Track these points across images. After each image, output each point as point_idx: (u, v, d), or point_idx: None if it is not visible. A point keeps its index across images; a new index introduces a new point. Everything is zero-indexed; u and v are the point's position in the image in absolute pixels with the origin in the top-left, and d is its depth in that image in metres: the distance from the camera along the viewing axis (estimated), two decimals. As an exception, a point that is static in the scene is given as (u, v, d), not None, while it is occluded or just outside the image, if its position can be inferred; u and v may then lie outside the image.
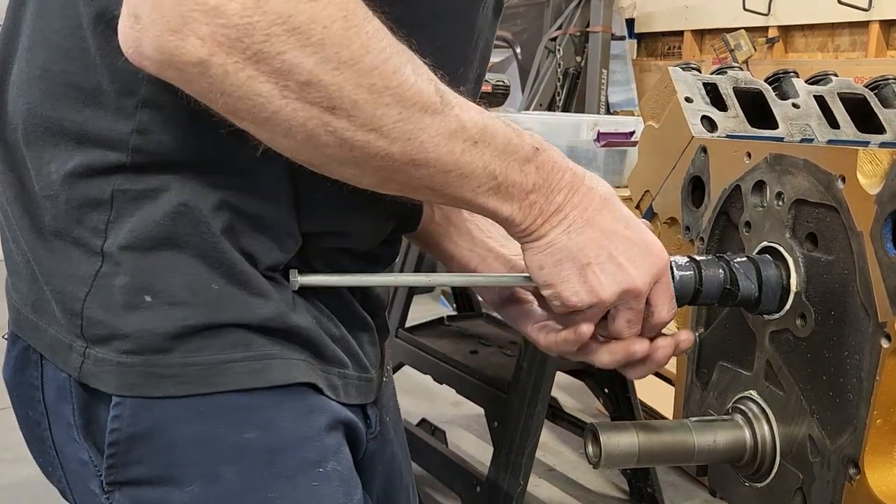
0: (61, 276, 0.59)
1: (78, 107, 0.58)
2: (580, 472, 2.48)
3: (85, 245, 0.59)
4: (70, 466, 0.65)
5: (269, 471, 0.60)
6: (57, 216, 0.60)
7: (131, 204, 0.58)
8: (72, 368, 0.60)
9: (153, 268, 0.58)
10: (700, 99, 0.93)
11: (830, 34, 3.82)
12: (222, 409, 0.59)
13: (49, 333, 0.61)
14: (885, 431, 0.64)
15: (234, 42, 0.48)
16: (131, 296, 0.58)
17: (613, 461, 0.71)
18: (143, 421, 0.59)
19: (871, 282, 0.63)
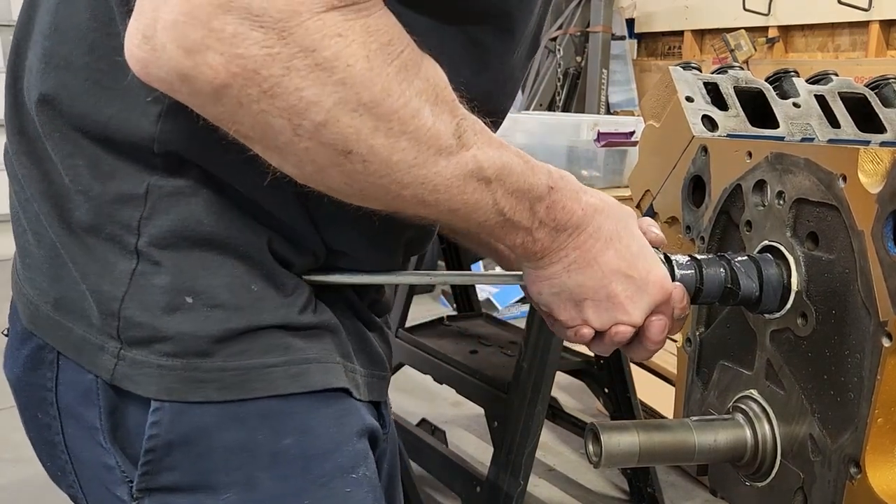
0: (95, 275, 0.58)
1: (103, 103, 0.57)
2: (580, 472, 2.48)
3: (119, 242, 0.57)
4: (88, 471, 0.62)
5: (306, 477, 0.60)
6: (90, 211, 0.58)
7: (166, 200, 0.57)
8: (102, 370, 0.58)
9: (194, 268, 0.56)
10: (701, 98, 0.93)
11: (830, 34, 3.82)
12: (262, 415, 0.58)
13: (75, 333, 0.59)
14: (887, 430, 0.63)
15: (252, 73, 0.45)
16: (172, 296, 0.56)
17: (614, 461, 0.71)
18: (183, 426, 0.57)
19: (872, 281, 0.62)
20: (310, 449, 0.60)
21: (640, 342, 0.69)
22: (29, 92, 0.61)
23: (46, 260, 0.61)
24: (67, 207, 0.59)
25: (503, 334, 2.34)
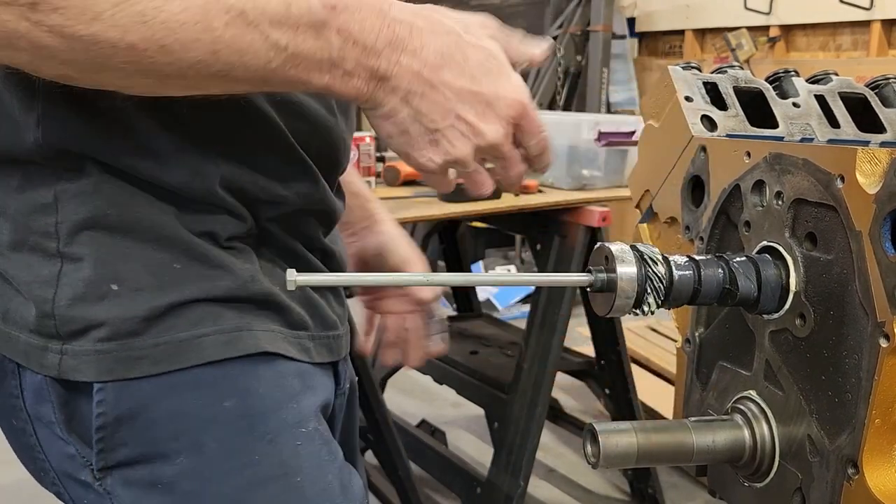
0: (29, 284, 0.61)
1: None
2: (581, 473, 2.48)
3: (43, 249, 0.60)
4: (58, 466, 0.66)
5: (251, 434, 0.62)
6: (11, 229, 0.61)
7: (75, 201, 0.59)
8: (50, 368, 0.61)
9: (113, 257, 0.59)
10: (700, 98, 0.93)
11: (832, 33, 3.82)
12: (198, 383, 0.61)
13: (21, 340, 0.63)
14: (884, 431, 0.63)
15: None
16: (97, 286, 0.59)
17: (612, 461, 0.71)
18: (125, 403, 0.60)
19: (870, 281, 0.62)
20: (252, 408, 0.62)
21: (507, 168, 0.66)
22: None
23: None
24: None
25: (503, 335, 2.34)
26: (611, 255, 0.72)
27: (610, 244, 0.74)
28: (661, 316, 2.84)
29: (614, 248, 0.73)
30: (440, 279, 0.83)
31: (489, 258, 4.91)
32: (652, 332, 3.17)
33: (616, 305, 0.71)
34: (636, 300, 0.71)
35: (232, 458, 0.62)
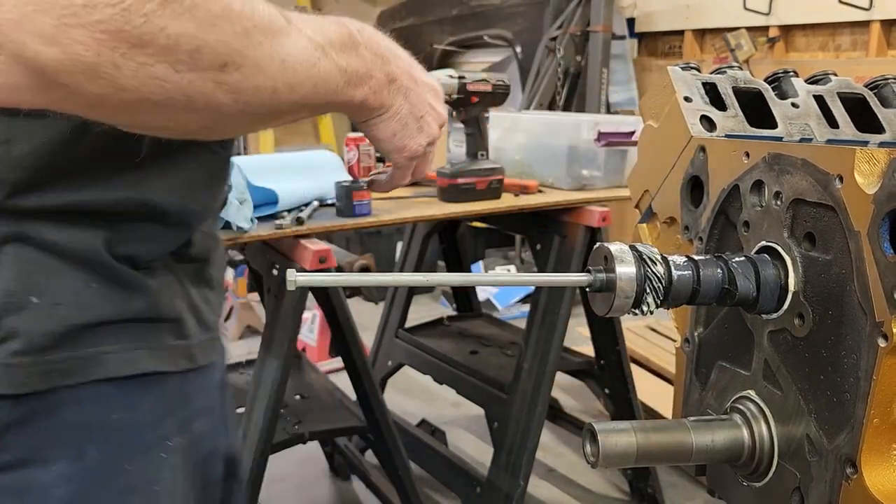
0: None
1: None
2: (580, 473, 2.48)
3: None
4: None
5: (130, 445, 0.66)
6: None
7: (7, 218, 0.60)
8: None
9: (37, 272, 0.61)
10: (699, 98, 0.93)
11: (831, 34, 3.82)
12: (97, 395, 0.64)
13: None
14: (883, 431, 0.64)
15: (116, 34, 0.46)
16: (18, 297, 0.60)
17: (611, 461, 0.71)
18: (22, 410, 0.61)
19: (869, 281, 0.63)
20: (134, 422, 0.67)
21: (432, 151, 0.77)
22: None
23: None
24: None
25: (503, 335, 2.34)
26: (610, 255, 0.72)
27: (609, 244, 0.74)
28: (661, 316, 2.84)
29: (613, 248, 0.73)
30: (440, 279, 0.84)
31: (489, 258, 4.91)
32: (651, 331, 3.17)
33: (615, 305, 0.71)
34: (635, 300, 0.71)
35: (106, 466, 0.65)
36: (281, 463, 2.53)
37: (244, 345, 3.64)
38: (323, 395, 1.93)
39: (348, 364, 1.66)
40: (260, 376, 1.49)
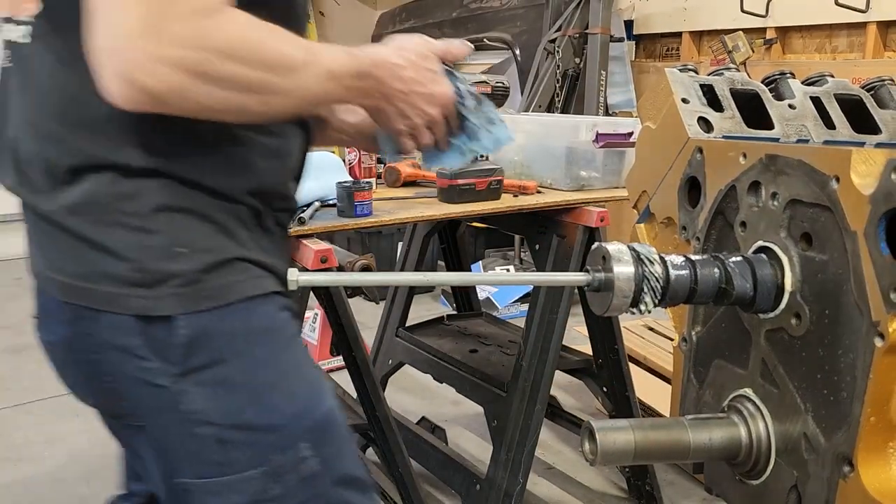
0: (118, 249, 0.85)
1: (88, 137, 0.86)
2: (579, 471, 2.49)
3: (126, 225, 0.85)
4: (131, 382, 0.89)
5: (274, 344, 0.92)
6: (102, 210, 0.85)
7: (152, 194, 0.85)
8: (134, 308, 0.85)
9: (180, 231, 0.86)
10: (696, 100, 0.94)
11: (828, 35, 3.83)
12: (238, 311, 0.89)
13: (103, 291, 0.86)
14: (879, 429, 0.64)
15: (193, 71, 0.75)
16: (168, 251, 0.85)
17: (610, 458, 0.72)
18: (197, 329, 0.86)
19: (865, 281, 0.63)
20: (270, 326, 0.93)
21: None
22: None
23: (70, 250, 0.88)
24: (88, 210, 0.86)
25: (503, 334, 2.35)
26: (608, 254, 0.73)
27: (607, 244, 0.75)
28: (659, 315, 2.85)
29: (612, 247, 0.74)
30: (440, 279, 0.84)
31: (489, 258, 4.91)
32: (650, 331, 3.18)
33: (613, 304, 0.72)
34: (633, 299, 0.72)
35: (265, 358, 0.91)
36: (280, 462, 2.54)
37: (243, 344, 3.65)
38: (323, 394, 1.94)
39: (349, 363, 1.67)
40: (260, 375, 1.49)
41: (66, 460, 2.55)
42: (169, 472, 0.94)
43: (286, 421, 0.92)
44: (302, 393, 0.95)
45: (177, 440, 0.91)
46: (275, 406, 0.91)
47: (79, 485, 2.43)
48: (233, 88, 0.78)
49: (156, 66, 0.73)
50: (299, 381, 0.95)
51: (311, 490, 0.93)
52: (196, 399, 0.88)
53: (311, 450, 0.92)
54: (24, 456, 2.58)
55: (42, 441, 2.66)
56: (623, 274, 0.71)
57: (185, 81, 0.74)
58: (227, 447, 0.89)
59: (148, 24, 0.72)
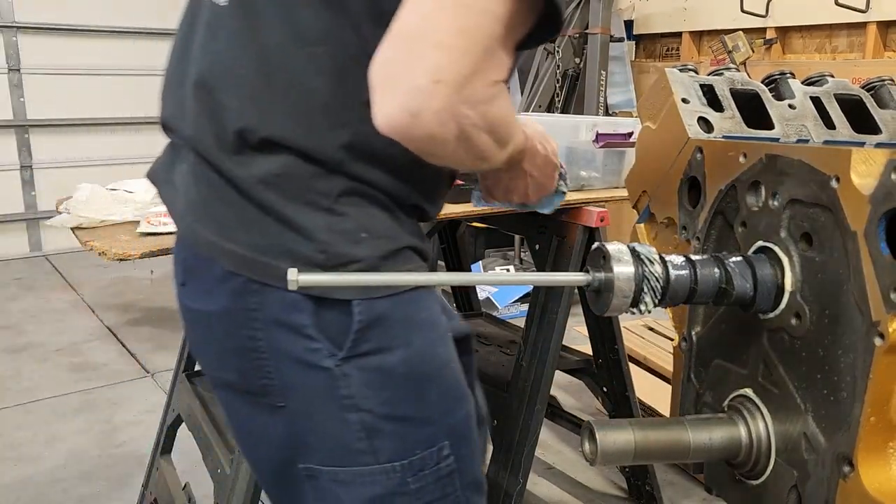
0: (305, 228, 0.86)
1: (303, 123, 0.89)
2: (579, 471, 2.49)
3: (317, 204, 0.86)
4: (286, 360, 0.89)
5: (434, 336, 0.94)
6: (297, 188, 0.87)
7: (342, 176, 0.87)
8: (313, 289, 0.85)
9: (363, 217, 0.88)
10: (696, 100, 0.94)
11: (828, 35, 3.83)
12: (408, 301, 0.90)
13: (279, 267, 0.85)
14: (879, 429, 0.64)
15: (465, 131, 0.78)
16: (355, 235, 0.87)
17: (610, 458, 0.72)
18: (372, 314, 0.87)
19: (865, 281, 0.63)
20: (431, 318, 0.95)
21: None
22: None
23: (253, 221, 0.88)
24: (279, 187, 0.87)
25: (502, 333, 2.35)
26: (608, 254, 0.73)
27: (607, 244, 0.75)
28: (659, 315, 2.84)
29: (611, 247, 0.74)
30: (440, 279, 0.84)
31: (489, 258, 4.92)
32: (650, 331, 3.18)
33: (613, 304, 0.72)
34: (633, 299, 0.72)
35: (428, 348, 0.92)
36: (280, 462, 2.54)
37: (243, 345, 3.65)
38: (323, 394, 1.94)
39: (348, 363, 1.67)
40: (260, 376, 1.50)
41: (66, 460, 2.55)
42: (295, 456, 0.93)
43: (435, 416, 0.92)
44: (451, 390, 0.96)
45: (320, 425, 0.90)
46: (429, 400, 0.92)
47: (79, 485, 2.43)
48: (470, 153, 0.83)
49: (444, 115, 0.76)
50: (450, 378, 0.96)
51: (443, 489, 0.93)
52: (355, 384, 0.88)
53: (450, 449, 0.93)
54: (24, 456, 2.58)
55: (42, 441, 2.67)
56: (623, 274, 0.71)
57: (451, 135, 0.78)
58: (373, 436, 0.89)
59: (461, 77, 0.75)
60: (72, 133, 5.69)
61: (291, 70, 0.85)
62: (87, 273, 4.90)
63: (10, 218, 5.39)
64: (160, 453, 2.06)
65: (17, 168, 5.47)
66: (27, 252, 5.46)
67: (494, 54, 0.78)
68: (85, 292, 4.52)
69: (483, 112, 0.79)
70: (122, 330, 3.88)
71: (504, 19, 0.77)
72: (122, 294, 4.48)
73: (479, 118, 0.79)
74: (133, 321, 4.02)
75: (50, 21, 5.47)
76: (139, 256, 1.33)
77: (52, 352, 3.58)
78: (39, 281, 4.79)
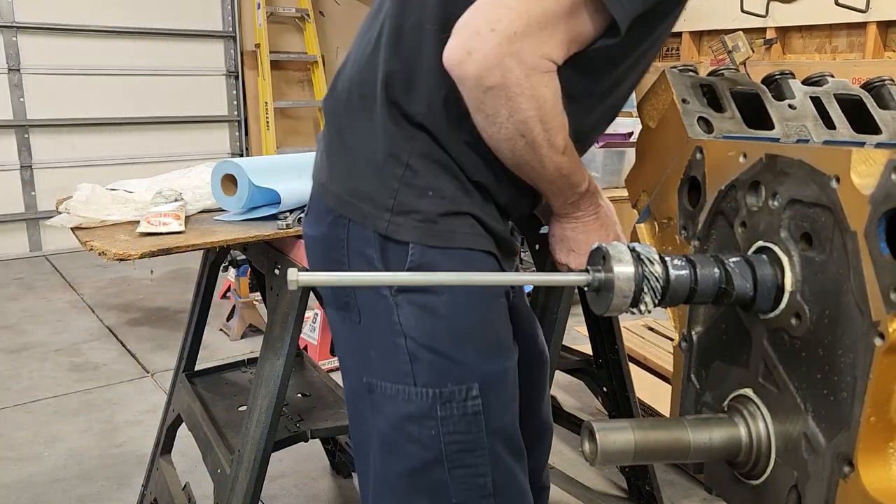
0: (386, 177, 1.04)
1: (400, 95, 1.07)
2: (579, 471, 2.49)
3: (398, 159, 1.04)
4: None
5: (481, 293, 1.07)
6: (385, 146, 1.05)
7: (423, 140, 1.04)
8: (380, 227, 1.04)
9: (433, 176, 1.04)
10: (696, 100, 0.93)
11: (828, 35, 3.83)
12: (458, 256, 1.05)
13: (363, 209, 1.06)
14: (879, 429, 0.64)
15: (508, 81, 0.91)
16: (423, 191, 1.04)
17: (610, 458, 0.72)
18: (424, 259, 1.03)
19: (865, 281, 0.63)
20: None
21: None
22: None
23: (348, 168, 1.09)
24: (373, 143, 1.07)
25: (502, 334, 2.34)
26: (608, 254, 0.73)
27: (608, 244, 0.75)
28: (659, 315, 2.84)
29: (612, 247, 0.74)
30: (440, 279, 0.84)
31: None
32: (649, 330, 3.18)
33: (613, 304, 0.72)
34: (633, 299, 0.72)
35: (471, 301, 1.06)
36: (283, 460, 2.54)
37: (247, 344, 3.65)
38: (325, 393, 1.93)
39: (348, 363, 1.67)
40: (262, 375, 1.50)
41: (66, 460, 2.55)
42: (363, 369, 1.10)
43: (469, 360, 1.06)
44: (489, 343, 1.09)
45: (380, 343, 1.07)
46: (464, 343, 1.06)
47: (78, 485, 2.43)
48: (514, 117, 0.95)
49: (492, 59, 0.90)
50: (491, 333, 1.09)
51: (467, 426, 1.06)
52: (405, 314, 1.04)
53: (478, 391, 1.06)
54: (24, 456, 2.58)
55: (42, 441, 2.67)
56: (623, 274, 0.71)
57: (496, 82, 0.91)
58: (414, 361, 1.05)
59: (512, 32, 0.90)
60: (72, 133, 5.69)
61: (412, 48, 1.03)
62: (87, 273, 4.90)
63: (9, 218, 5.39)
64: (160, 453, 2.06)
65: (17, 168, 5.46)
66: (27, 252, 5.46)
67: (549, 29, 0.91)
68: (85, 292, 4.52)
69: (527, 73, 0.91)
70: (121, 330, 3.88)
71: (565, 3, 0.91)
72: (121, 294, 4.48)
73: (524, 76, 0.91)
74: (133, 321, 4.02)
75: (50, 21, 5.47)
76: (139, 256, 1.33)
77: (51, 352, 3.58)
78: (39, 281, 4.79)
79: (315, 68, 6.53)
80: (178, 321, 3.98)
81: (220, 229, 1.54)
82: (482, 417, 1.07)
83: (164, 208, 1.55)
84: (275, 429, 1.49)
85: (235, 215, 1.63)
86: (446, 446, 1.07)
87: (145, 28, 5.83)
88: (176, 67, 6.05)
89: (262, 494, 1.60)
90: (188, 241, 1.42)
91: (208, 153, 6.17)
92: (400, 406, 1.07)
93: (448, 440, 1.07)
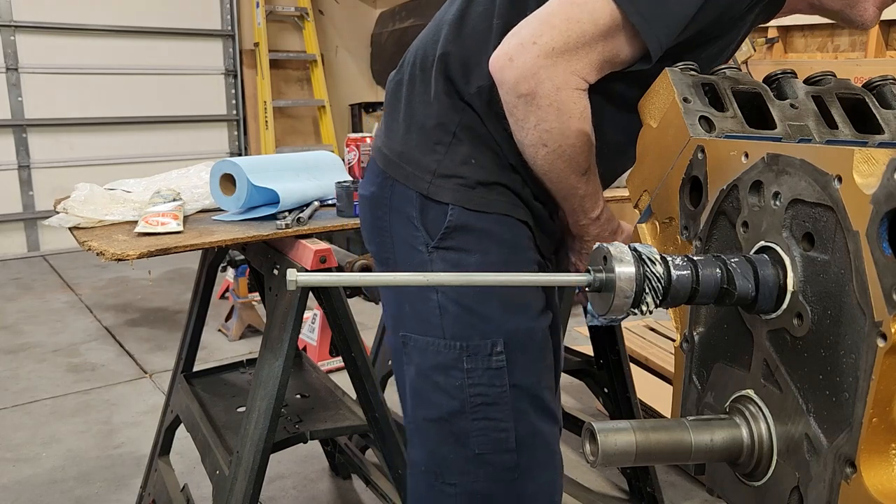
0: (434, 143, 1.15)
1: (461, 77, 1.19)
2: (580, 472, 2.48)
3: (447, 129, 1.14)
4: (401, 241, 1.18)
5: (511, 255, 1.16)
6: (435, 114, 1.16)
7: (470, 115, 1.15)
8: (422, 188, 1.14)
9: (476, 147, 1.14)
10: (698, 99, 0.93)
11: (830, 34, 3.83)
12: (494, 220, 1.14)
13: (408, 170, 1.16)
14: (881, 430, 0.64)
15: (535, 90, 1.02)
16: (466, 158, 1.14)
17: (611, 460, 0.71)
18: (462, 220, 1.13)
19: (867, 281, 0.63)
20: (515, 241, 1.17)
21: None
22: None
23: (403, 134, 1.18)
24: (426, 112, 1.17)
25: (502, 334, 2.34)
26: (609, 254, 0.72)
27: (609, 244, 0.74)
28: (660, 315, 2.84)
29: (613, 247, 0.73)
30: (440, 279, 0.84)
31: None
32: (651, 331, 3.17)
33: (614, 305, 0.72)
34: (634, 300, 0.71)
35: (501, 261, 1.14)
36: (282, 462, 2.54)
37: (245, 344, 3.65)
38: (324, 394, 1.93)
39: (349, 363, 1.67)
40: (261, 376, 1.49)
41: (64, 461, 2.54)
42: (399, 323, 1.19)
43: (495, 317, 1.13)
44: (516, 304, 1.16)
45: (414, 297, 1.17)
46: (489, 300, 1.13)
47: (77, 486, 2.42)
48: (539, 127, 1.04)
49: (528, 70, 1.00)
50: (519, 294, 1.16)
51: (490, 380, 1.13)
52: (437, 269, 1.14)
53: (503, 347, 1.13)
54: (23, 456, 2.58)
55: (40, 442, 2.66)
56: (624, 274, 0.71)
57: (528, 89, 1.01)
58: (444, 315, 1.13)
59: (550, 47, 0.99)
60: (70, 133, 5.69)
61: (473, 36, 1.13)
62: (85, 273, 4.90)
63: (7, 218, 5.39)
64: (158, 454, 2.06)
65: (15, 167, 5.46)
66: (25, 252, 5.46)
67: (585, 49, 1.00)
68: (83, 292, 4.51)
69: (558, 86, 1.00)
70: (120, 330, 3.87)
71: (602, 28, 0.99)
72: (120, 294, 4.47)
73: (554, 89, 1.00)
74: (131, 321, 4.01)
75: (48, 20, 5.47)
76: (137, 257, 1.32)
77: (49, 352, 3.58)
78: (37, 281, 4.79)
79: (314, 67, 6.53)
80: (176, 321, 3.97)
81: (218, 229, 1.53)
82: (506, 373, 1.13)
83: (163, 208, 1.55)
84: (273, 430, 1.48)
85: (234, 215, 1.63)
86: (470, 398, 1.13)
87: (144, 27, 5.83)
88: (175, 66, 6.05)
89: (261, 496, 1.60)
90: (186, 241, 1.42)
91: (207, 152, 6.17)
92: (431, 357, 1.14)
93: (472, 392, 1.13)
